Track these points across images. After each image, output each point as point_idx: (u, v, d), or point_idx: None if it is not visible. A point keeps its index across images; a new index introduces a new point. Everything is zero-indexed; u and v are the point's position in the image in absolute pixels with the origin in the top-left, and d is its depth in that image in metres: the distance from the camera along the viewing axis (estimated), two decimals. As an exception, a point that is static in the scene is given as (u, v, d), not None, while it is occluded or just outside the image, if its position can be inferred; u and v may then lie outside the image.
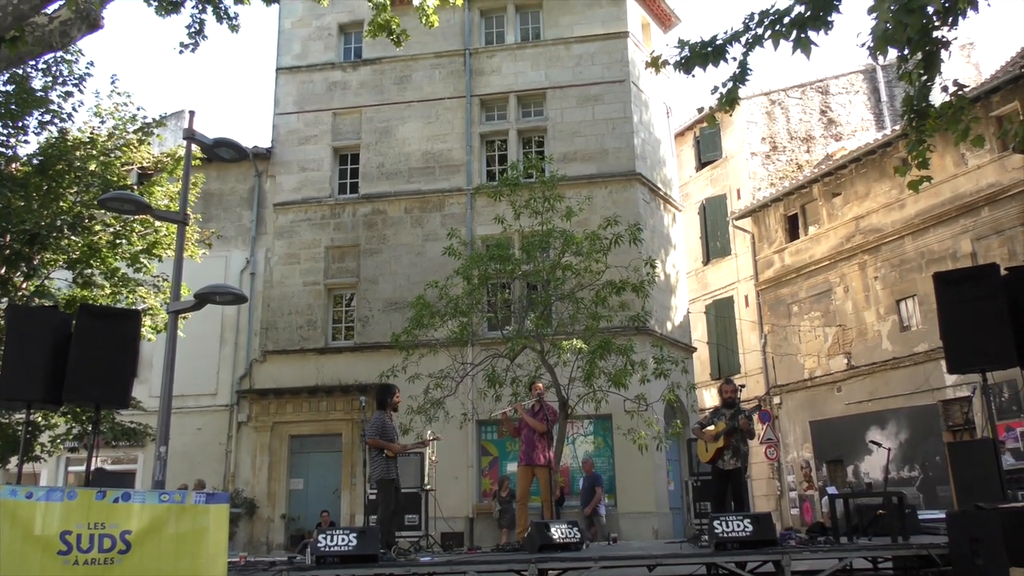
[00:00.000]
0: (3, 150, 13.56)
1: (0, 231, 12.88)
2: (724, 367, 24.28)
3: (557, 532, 8.30)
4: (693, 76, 7.10)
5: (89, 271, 14.28)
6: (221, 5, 10.77)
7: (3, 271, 13.35)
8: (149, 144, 15.04)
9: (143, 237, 14.41)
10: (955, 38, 6.91)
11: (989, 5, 6.41)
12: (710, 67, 6.92)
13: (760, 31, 6.66)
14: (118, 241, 14.21)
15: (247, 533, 17.87)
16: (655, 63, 7.40)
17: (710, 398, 22.89)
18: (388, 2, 11.00)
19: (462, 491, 17.34)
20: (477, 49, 20.41)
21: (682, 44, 6.98)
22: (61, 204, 13.48)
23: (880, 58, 6.48)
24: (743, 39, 6.79)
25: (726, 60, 6.87)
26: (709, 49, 6.87)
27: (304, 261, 19.73)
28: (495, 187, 15.46)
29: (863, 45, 6.47)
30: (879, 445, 13.51)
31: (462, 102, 20.02)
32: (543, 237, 13.66)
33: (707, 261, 26.23)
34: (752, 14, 6.74)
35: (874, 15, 6.08)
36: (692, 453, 13.67)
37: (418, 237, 19.36)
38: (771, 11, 6.57)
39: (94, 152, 14.02)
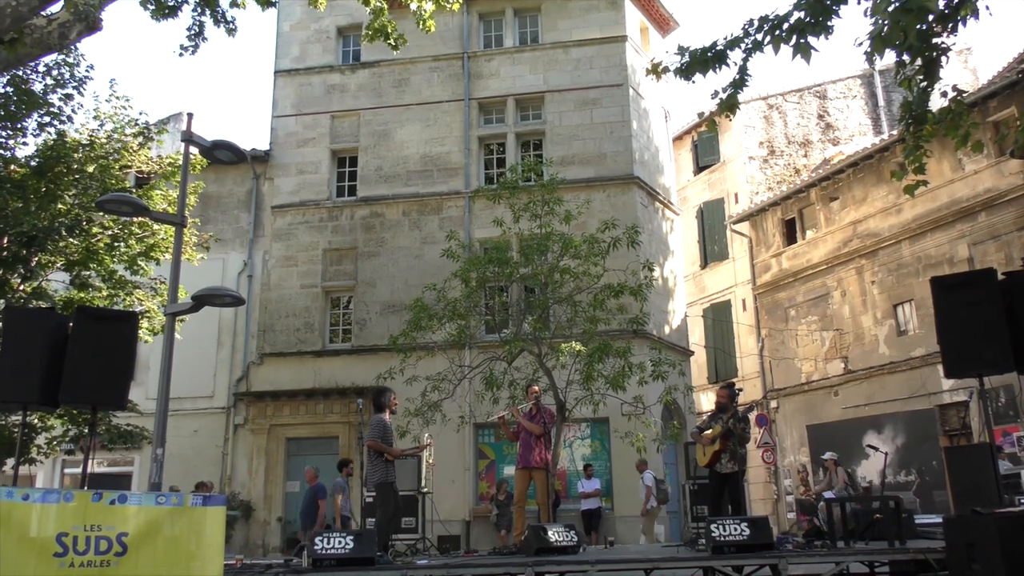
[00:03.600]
0: (2, 152, 13.56)
1: (-2, 233, 12.89)
2: (722, 371, 24.30)
3: (554, 535, 8.29)
4: (693, 82, 7.13)
5: (87, 273, 14.27)
6: (218, 8, 10.76)
7: (1, 273, 13.33)
8: (148, 148, 15.04)
9: (141, 240, 14.40)
10: (953, 43, 6.93)
11: (991, 15, 6.43)
12: (710, 72, 6.94)
13: (760, 37, 6.68)
14: (116, 243, 14.20)
15: (243, 536, 17.84)
16: (655, 69, 7.43)
17: (707, 402, 22.89)
18: (385, 6, 10.99)
19: (459, 494, 17.33)
20: (475, 53, 20.43)
21: (682, 50, 7.00)
22: (59, 206, 13.48)
23: (877, 60, 6.48)
24: (743, 44, 6.80)
25: (727, 65, 6.89)
26: (709, 55, 6.89)
27: (302, 264, 19.71)
28: (494, 190, 15.48)
29: (859, 44, 6.48)
30: (876, 449, 13.51)
31: (460, 105, 20.03)
32: (541, 240, 13.67)
33: (705, 265, 26.25)
34: (752, 20, 6.76)
35: (872, 18, 6.11)
36: (689, 457, 13.66)
37: (416, 240, 19.36)
38: (771, 17, 6.59)
39: (92, 155, 14.02)
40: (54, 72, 13.76)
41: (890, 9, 5.82)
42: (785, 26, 6.43)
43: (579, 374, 12.71)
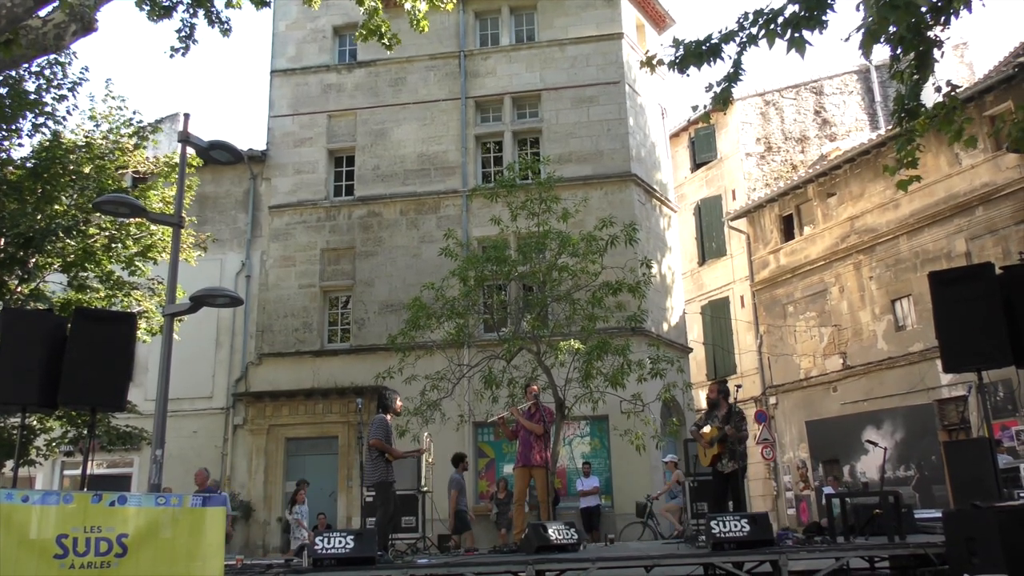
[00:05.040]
0: (-2, 153, 13.55)
1: (-5, 234, 12.87)
2: (720, 368, 24.31)
3: (554, 533, 8.29)
4: (687, 75, 7.14)
5: (84, 274, 14.25)
6: (212, 9, 10.73)
7: (-2, 274, 13.32)
8: (144, 148, 15.01)
9: (138, 240, 14.38)
10: (947, 37, 6.94)
11: (984, 5, 6.43)
12: (705, 66, 6.93)
13: (755, 30, 6.67)
14: (113, 244, 14.18)
15: (243, 536, 17.82)
16: (649, 62, 7.43)
17: (705, 399, 22.89)
18: (379, 6, 10.95)
19: (459, 493, 17.29)
20: (472, 51, 20.41)
21: (677, 43, 7.00)
22: (56, 207, 13.46)
23: (868, 55, 6.49)
24: (737, 38, 6.80)
25: (721, 58, 6.89)
26: (704, 48, 6.89)
27: (300, 263, 19.70)
28: (491, 189, 15.46)
29: (847, 39, 6.49)
30: (875, 445, 13.52)
31: (457, 104, 20.01)
32: (539, 238, 13.66)
33: (703, 262, 26.26)
34: (747, 13, 6.75)
35: (864, 13, 6.11)
36: (689, 454, 13.67)
37: (414, 239, 19.35)
38: (766, 10, 6.59)
39: (89, 155, 13.99)
40: (46, 71, 13.73)
41: (880, 5, 5.83)
42: (780, 20, 6.43)
43: (578, 372, 12.71)
